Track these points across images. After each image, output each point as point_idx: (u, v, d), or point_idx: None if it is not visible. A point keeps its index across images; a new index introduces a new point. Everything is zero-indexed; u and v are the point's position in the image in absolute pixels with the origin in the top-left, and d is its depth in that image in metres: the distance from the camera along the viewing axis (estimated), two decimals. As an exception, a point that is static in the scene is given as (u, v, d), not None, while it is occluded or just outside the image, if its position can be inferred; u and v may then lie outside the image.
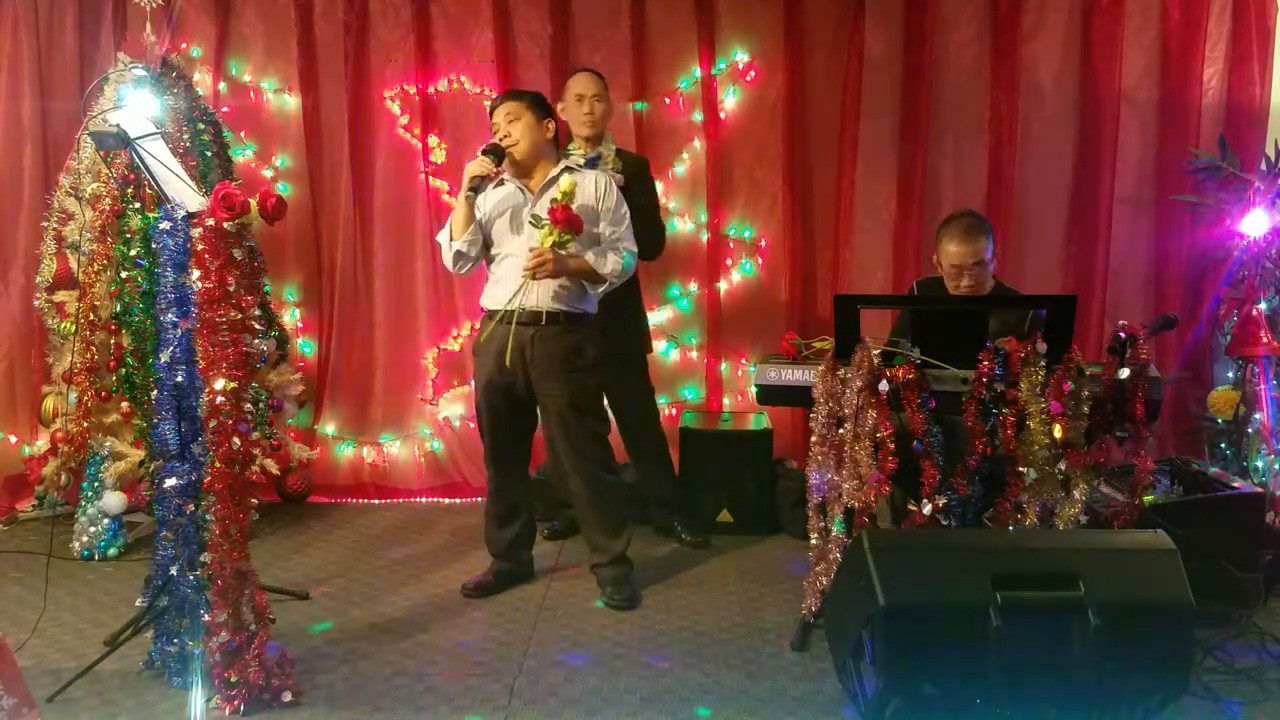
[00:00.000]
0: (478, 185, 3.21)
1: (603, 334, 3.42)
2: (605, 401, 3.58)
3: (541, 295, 3.20)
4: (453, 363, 4.66)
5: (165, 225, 2.61)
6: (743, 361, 4.62)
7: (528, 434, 3.46)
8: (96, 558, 3.78)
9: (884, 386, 2.71)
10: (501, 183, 3.31)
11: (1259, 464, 3.98)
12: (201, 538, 2.59)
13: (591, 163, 3.56)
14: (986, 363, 2.73)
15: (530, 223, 3.19)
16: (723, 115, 4.50)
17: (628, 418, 3.93)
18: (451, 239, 3.27)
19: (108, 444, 3.86)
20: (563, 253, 3.13)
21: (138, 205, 3.78)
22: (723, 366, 4.63)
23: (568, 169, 3.31)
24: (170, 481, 2.62)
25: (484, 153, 3.23)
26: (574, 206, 3.12)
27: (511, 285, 3.21)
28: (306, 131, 4.54)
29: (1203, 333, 4.37)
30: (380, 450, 4.67)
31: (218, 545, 2.52)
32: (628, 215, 3.35)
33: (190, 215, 2.60)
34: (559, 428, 3.31)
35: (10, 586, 3.49)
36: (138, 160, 2.73)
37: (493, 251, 3.33)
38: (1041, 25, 4.40)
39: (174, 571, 2.65)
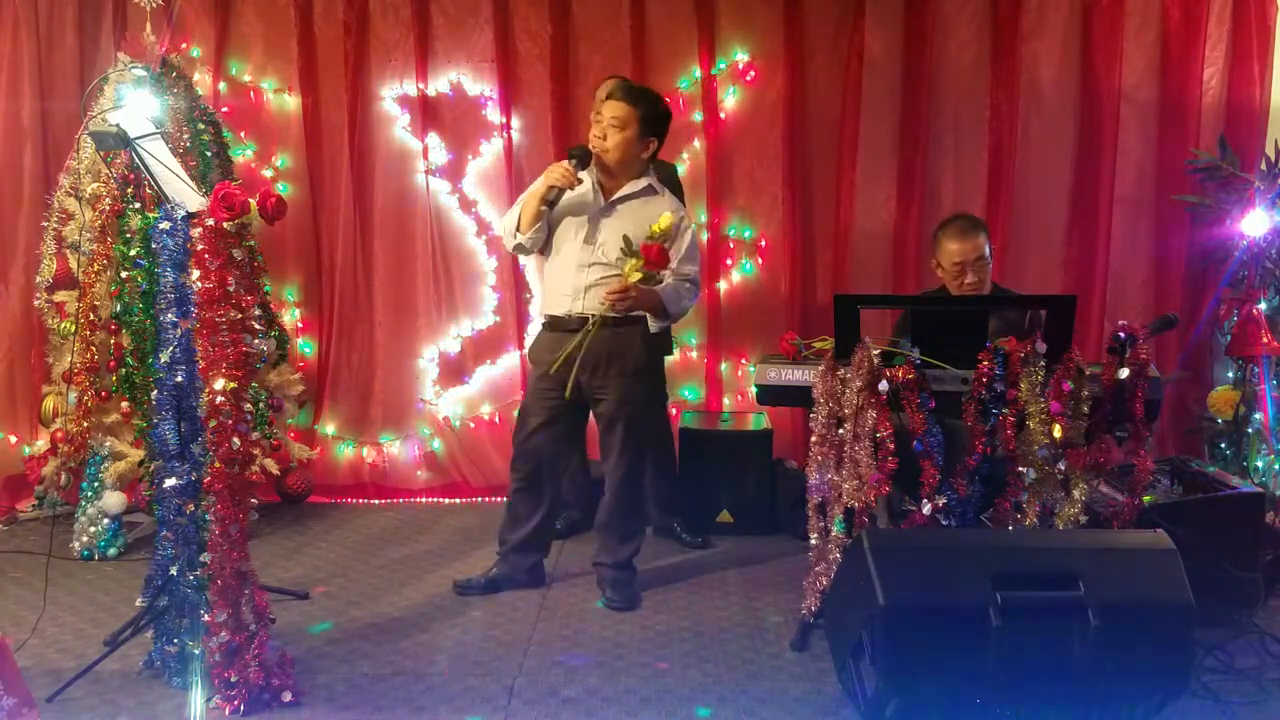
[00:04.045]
0: (555, 198, 3.13)
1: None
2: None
3: (591, 301, 3.18)
4: (452, 363, 4.66)
5: (165, 225, 2.61)
6: (743, 361, 4.62)
7: (567, 442, 3.43)
8: (96, 558, 3.78)
9: (884, 386, 2.71)
10: (581, 179, 3.20)
11: (1259, 464, 3.99)
12: (201, 538, 2.59)
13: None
14: (986, 363, 2.73)
15: (621, 249, 3.12)
16: (723, 115, 4.50)
17: None
18: (518, 229, 3.23)
19: (108, 444, 3.86)
20: (644, 286, 3.13)
21: (138, 205, 3.78)
22: (723, 366, 4.63)
23: (651, 187, 3.26)
24: (170, 481, 2.62)
25: (571, 155, 3.14)
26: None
27: (565, 289, 3.20)
28: (306, 131, 4.54)
29: (1203, 333, 4.36)
30: (380, 450, 4.67)
31: (218, 545, 2.52)
32: (697, 252, 3.32)
33: (190, 215, 2.60)
34: (607, 428, 3.30)
35: (10, 586, 3.49)
36: (138, 160, 2.72)
37: (551, 245, 3.28)
38: (1041, 25, 4.40)
39: (174, 571, 2.65)
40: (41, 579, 3.27)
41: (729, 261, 4.58)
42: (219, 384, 2.49)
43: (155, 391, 2.68)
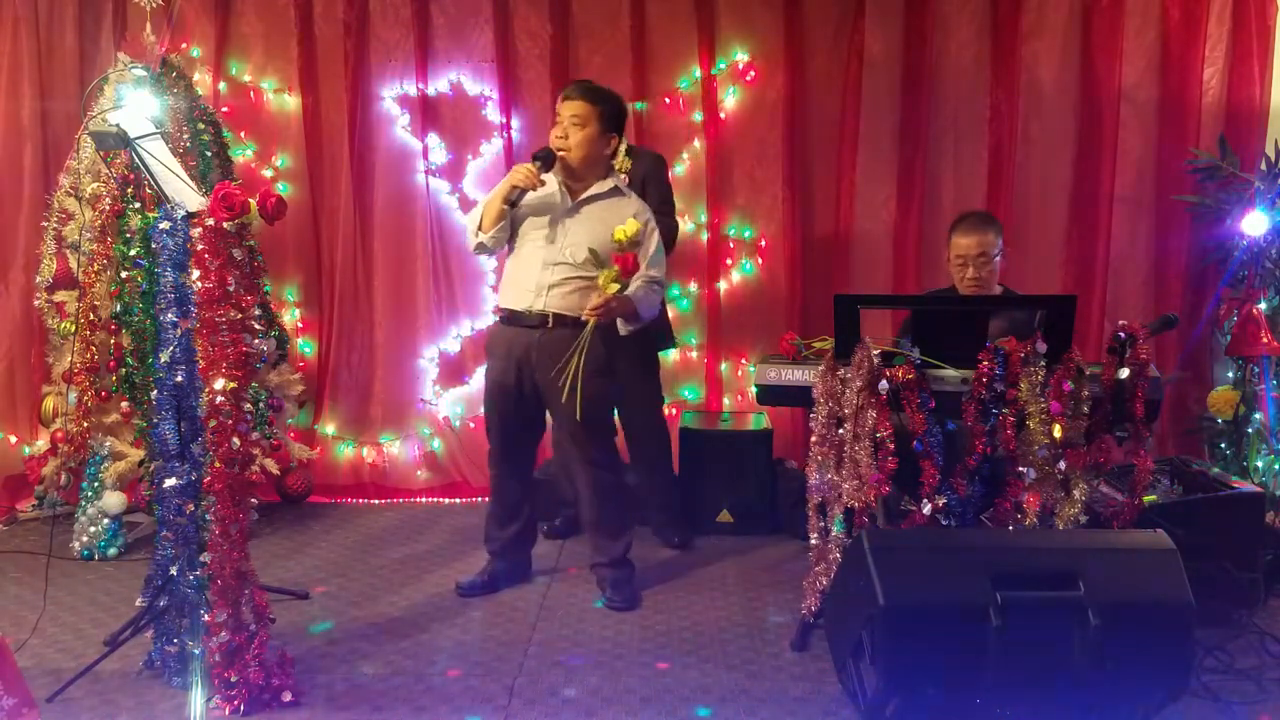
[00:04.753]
0: (516, 198, 3.14)
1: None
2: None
3: (550, 299, 3.19)
4: (452, 362, 4.66)
5: (165, 225, 2.61)
6: (743, 361, 4.62)
7: (534, 436, 3.47)
8: (96, 558, 3.78)
9: (884, 386, 2.71)
10: (544, 181, 3.20)
11: (1259, 464, 3.99)
12: (201, 538, 2.59)
13: None
14: (986, 363, 2.73)
15: (589, 257, 3.13)
16: (723, 115, 4.50)
17: (634, 416, 3.93)
18: (480, 229, 3.23)
19: (108, 444, 3.86)
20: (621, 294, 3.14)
21: (138, 205, 3.78)
22: (723, 366, 4.63)
23: (617, 189, 3.27)
24: (170, 481, 2.62)
25: (535, 157, 3.15)
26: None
27: (527, 285, 3.20)
28: (306, 131, 4.55)
29: (1203, 333, 4.36)
30: (380, 450, 4.67)
31: (218, 545, 2.52)
32: (662, 253, 3.32)
33: (190, 215, 2.60)
34: (566, 428, 3.30)
35: (10, 586, 3.49)
36: (138, 160, 2.73)
37: (515, 242, 3.29)
38: (1041, 25, 4.40)
39: (174, 571, 2.65)
40: (41, 579, 3.27)
41: (729, 261, 4.58)
42: (219, 384, 2.49)
43: (155, 391, 2.68)
